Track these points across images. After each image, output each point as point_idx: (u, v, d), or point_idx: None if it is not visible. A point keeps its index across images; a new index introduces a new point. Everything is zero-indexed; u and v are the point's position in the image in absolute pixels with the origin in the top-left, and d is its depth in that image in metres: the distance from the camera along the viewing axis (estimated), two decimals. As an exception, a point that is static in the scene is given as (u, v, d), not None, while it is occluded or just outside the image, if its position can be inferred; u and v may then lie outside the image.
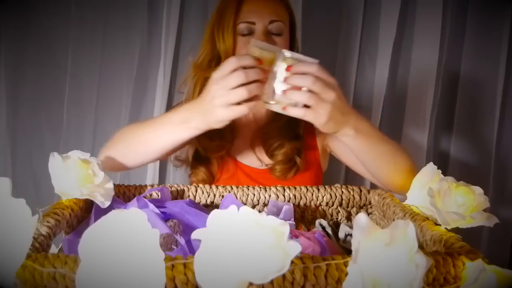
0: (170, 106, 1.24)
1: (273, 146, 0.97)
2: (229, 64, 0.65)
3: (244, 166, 1.00)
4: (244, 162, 1.00)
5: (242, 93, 0.63)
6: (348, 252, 0.65)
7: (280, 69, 0.66)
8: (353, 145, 0.71)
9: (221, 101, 0.65)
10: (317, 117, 0.64)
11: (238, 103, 0.65)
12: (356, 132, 0.69)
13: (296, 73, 0.64)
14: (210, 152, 0.97)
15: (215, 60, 0.94)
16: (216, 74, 0.66)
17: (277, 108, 0.67)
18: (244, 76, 0.63)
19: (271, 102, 0.66)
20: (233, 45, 0.91)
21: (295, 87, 0.65)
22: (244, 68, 0.64)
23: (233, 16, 0.91)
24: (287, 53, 0.66)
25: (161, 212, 0.69)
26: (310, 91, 0.63)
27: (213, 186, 0.78)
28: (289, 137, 0.97)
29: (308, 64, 0.64)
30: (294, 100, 0.65)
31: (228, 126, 0.72)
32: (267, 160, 0.99)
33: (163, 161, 1.23)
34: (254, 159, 0.99)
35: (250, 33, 0.91)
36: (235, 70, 0.64)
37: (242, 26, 0.91)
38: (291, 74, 0.65)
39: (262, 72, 0.65)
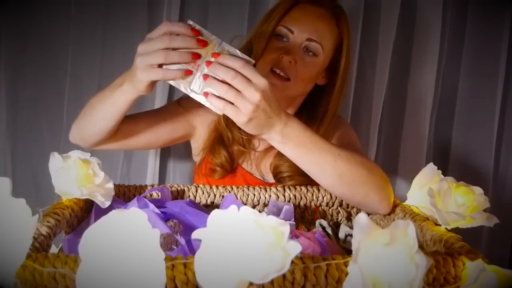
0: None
1: (283, 175, 0.95)
2: (161, 27, 0.63)
3: (248, 174, 1.00)
4: (250, 171, 1.00)
5: (159, 56, 0.61)
6: (348, 252, 0.65)
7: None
8: (284, 152, 0.68)
9: (140, 61, 0.63)
10: (238, 115, 0.61)
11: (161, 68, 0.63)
12: (283, 137, 0.65)
13: (221, 64, 0.61)
14: (234, 142, 0.96)
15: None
16: (148, 35, 0.64)
17: (198, 98, 0.64)
18: (168, 41, 0.61)
19: (195, 90, 0.64)
20: (265, 43, 0.88)
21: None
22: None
23: (279, 16, 0.89)
24: (226, 46, 0.63)
25: (161, 212, 0.69)
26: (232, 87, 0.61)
27: (213, 186, 0.78)
28: (299, 171, 0.90)
29: (233, 59, 0.61)
30: (214, 90, 0.62)
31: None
32: (270, 178, 0.98)
33: (163, 161, 1.23)
34: (258, 173, 0.99)
35: (285, 39, 0.89)
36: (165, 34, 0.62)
37: (280, 28, 0.89)
38: (216, 64, 0.62)
39: (195, 42, 0.62)
